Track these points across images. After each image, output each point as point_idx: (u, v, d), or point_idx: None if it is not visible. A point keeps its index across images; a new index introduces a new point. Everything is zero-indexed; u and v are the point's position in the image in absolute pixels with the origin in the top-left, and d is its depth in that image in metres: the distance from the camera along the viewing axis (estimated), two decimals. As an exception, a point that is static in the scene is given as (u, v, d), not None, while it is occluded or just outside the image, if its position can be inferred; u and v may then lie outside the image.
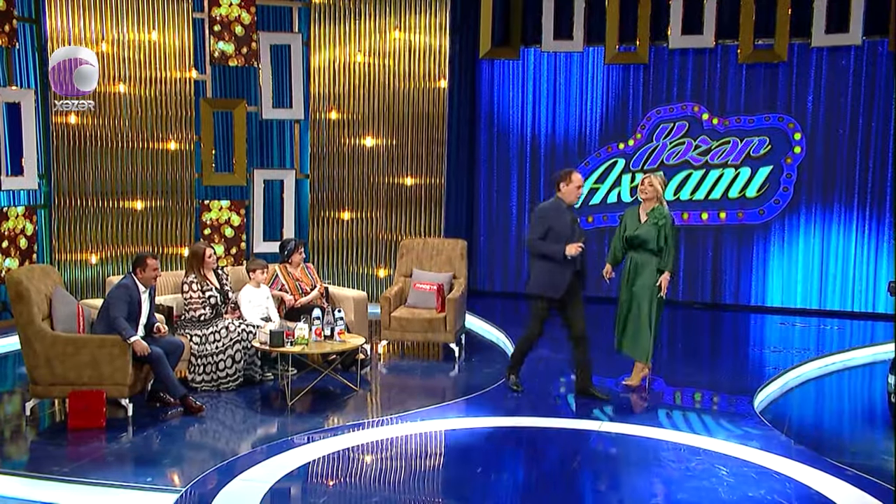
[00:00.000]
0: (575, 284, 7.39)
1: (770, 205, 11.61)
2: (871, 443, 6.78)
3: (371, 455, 6.29)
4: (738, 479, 5.78)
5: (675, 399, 7.99)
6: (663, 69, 11.86)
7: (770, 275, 11.77)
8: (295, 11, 11.70)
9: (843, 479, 5.72)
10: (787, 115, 11.45)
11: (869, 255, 11.38)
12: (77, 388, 6.60)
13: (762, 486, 5.64)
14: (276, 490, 5.47)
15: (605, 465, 6.27)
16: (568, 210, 7.38)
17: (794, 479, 5.75)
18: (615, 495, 5.72)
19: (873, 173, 11.28)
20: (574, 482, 5.79)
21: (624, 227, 7.77)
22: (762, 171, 11.59)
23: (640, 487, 5.75)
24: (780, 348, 9.93)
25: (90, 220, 10.60)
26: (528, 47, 12.19)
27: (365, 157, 11.71)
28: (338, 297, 8.91)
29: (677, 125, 11.83)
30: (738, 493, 5.57)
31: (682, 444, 6.46)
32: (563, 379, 8.46)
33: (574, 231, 7.34)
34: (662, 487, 5.78)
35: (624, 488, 5.81)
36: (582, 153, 12.19)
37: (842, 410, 7.87)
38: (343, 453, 6.21)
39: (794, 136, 11.45)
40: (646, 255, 7.58)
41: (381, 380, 8.52)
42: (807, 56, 11.33)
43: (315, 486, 5.77)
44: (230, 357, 7.61)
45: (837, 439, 6.89)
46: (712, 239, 11.93)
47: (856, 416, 7.47)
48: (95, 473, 5.67)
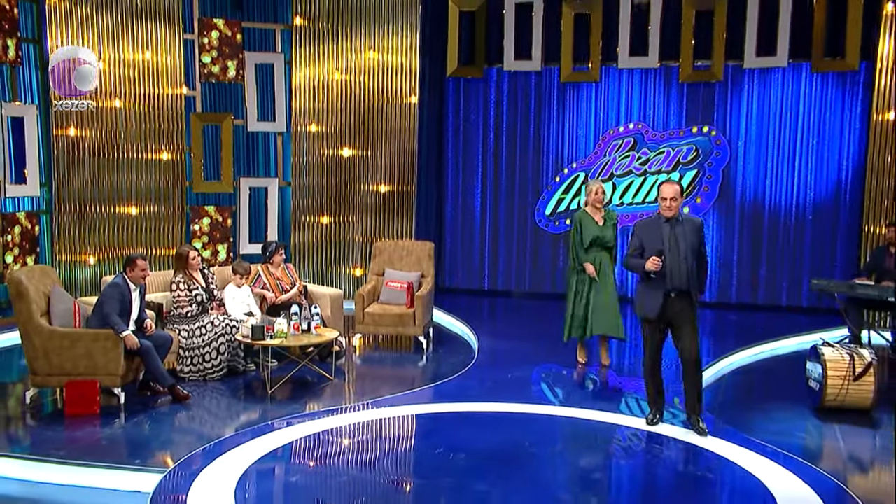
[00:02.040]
0: (675, 304, 6.08)
1: (692, 203, 11.62)
2: (790, 422, 6.82)
3: (345, 437, 6.28)
4: (672, 457, 5.89)
5: (621, 386, 8.05)
6: (613, 86, 11.87)
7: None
8: (278, 33, 11.67)
9: (764, 454, 5.81)
10: (719, 127, 11.51)
11: (792, 252, 11.46)
12: (73, 378, 6.60)
13: (692, 462, 5.75)
14: (256, 469, 5.47)
15: (555, 445, 6.32)
16: (667, 223, 6.12)
17: (721, 455, 5.83)
18: (562, 472, 5.77)
19: (795, 180, 11.38)
20: (526, 461, 5.80)
21: (583, 230, 8.11)
22: (688, 175, 11.65)
23: (585, 464, 5.84)
24: (714, 339, 10.00)
25: (88, 224, 10.53)
26: (491, 67, 12.15)
27: (342, 167, 11.69)
28: (316, 294, 8.89)
29: (625, 141, 11.88)
30: (670, 469, 5.70)
31: (624, 426, 6.53)
32: (530, 366, 8.50)
33: (670, 244, 6.06)
34: (605, 464, 5.89)
35: (570, 465, 5.88)
36: (540, 162, 12.20)
37: (766, 394, 7.88)
38: (319, 436, 6.22)
39: (716, 142, 11.52)
40: (605, 252, 8.14)
41: (356, 370, 8.48)
42: (740, 76, 11.41)
43: (292, 465, 5.77)
44: (215, 349, 7.60)
45: (761, 420, 6.92)
46: None
47: (778, 400, 7.47)
48: (90, 456, 5.67)
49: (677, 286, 6.01)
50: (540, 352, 9.10)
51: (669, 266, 5.99)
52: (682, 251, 6.02)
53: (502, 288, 12.54)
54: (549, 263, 12.34)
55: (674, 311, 6.06)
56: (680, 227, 6.08)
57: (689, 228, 6.11)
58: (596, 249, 8.09)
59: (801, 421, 6.86)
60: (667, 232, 6.04)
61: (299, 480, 5.53)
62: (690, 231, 6.10)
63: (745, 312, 11.35)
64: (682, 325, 6.10)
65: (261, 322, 7.44)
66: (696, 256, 6.10)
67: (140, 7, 10.63)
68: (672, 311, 6.06)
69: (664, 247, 5.99)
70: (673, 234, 6.04)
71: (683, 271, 6.01)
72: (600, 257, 8.11)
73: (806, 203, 11.39)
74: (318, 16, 11.49)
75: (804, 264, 11.40)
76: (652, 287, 6.06)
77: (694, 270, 6.06)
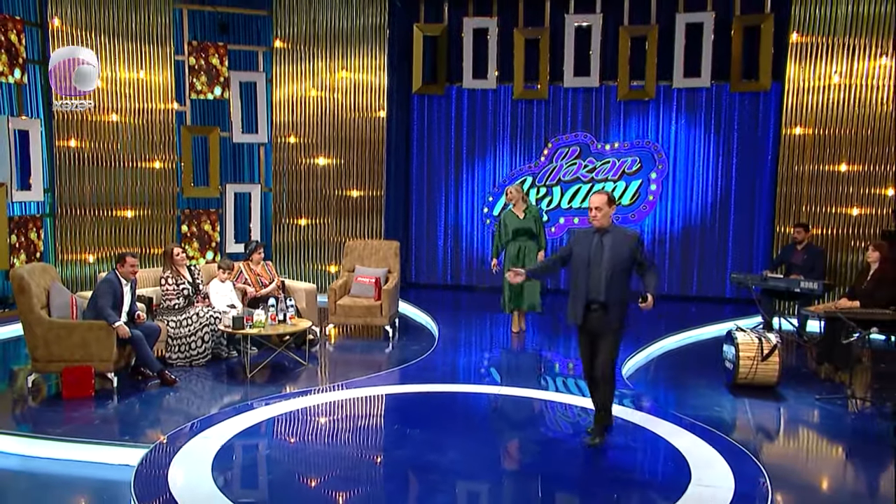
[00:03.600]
0: (594, 316, 5.43)
1: (638, 209, 11.80)
2: (707, 398, 6.90)
3: (317, 415, 6.31)
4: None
5: (561, 368, 8.15)
6: (560, 103, 11.93)
7: None
8: (260, 55, 11.70)
9: (682, 426, 5.90)
10: (653, 140, 11.65)
11: (718, 250, 11.62)
12: (70, 365, 6.60)
13: (620, 434, 5.79)
14: (235, 443, 5.50)
15: (502, 420, 6.40)
16: (596, 234, 5.46)
17: (645, 427, 5.91)
18: (505, 443, 5.85)
19: (719, 186, 11.53)
20: (476, 434, 5.88)
21: (506, 225, 8.98)
22: (633, 184, 11.79)
23: (526, 436, 5.91)
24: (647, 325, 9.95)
25: (88, 226, 10.51)
26: (451, 85, 12.18)
27: (318, 174, 11.72)
28: (292, 288, 8.91)
29: (571, 149, 11.94)
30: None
31: (562, 403, 6.62)
32: (483, 352, 8.63)
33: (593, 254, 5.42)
34: (543, 436, 5.92)
35: (512, 437, 5.95)
36: (495, 170, 12.26)
37: (688, 374, 7.94)
38: (294, 413, 6.24)
39: (658, 156, 11.66)
40: (529, 240, 8.92)
41: (328, 356, 8.49)
42: (670, 94, 11.54)
43: (268, 440, 5.79)
44: (200, 338, 7.63)
45: (681, 396, 7.04)
46: None
47: (698, 378, 7.55)
48: (85, 433, 5.68)
49: (594, 298, 5.38)
50: (493, 339, 9.24)
51: (590, 277, 5.40)
52: (603, 263, 5.36)
53: (464, 283, 12.58)
54: (504, 260, 12.40)
55: (593, 324, 5.45)
56: (608, 237, 5.41)
57: (619, 240, 5.40)
58: (521, 238, 8.92)
59: (716, 396, 6.94)
60: (594, 242, 5.42)
61: (274, 453, 5.57)
62: (619, 242, 5.39)
63: (677, 303, 11.44)
64: (598, 338, 5.49)
65: (241, 313, 7.47)
66: (625, 268, 5.41)
67: (135, 31, 10.62)
68: (591, 323, 5.46)
69: (588, 257, 5.42)
70: (599, 244, 5.41)
71: (602, 284, 5.35)
72: (525, 244, 8.95)
73: (728, 206, 11.56)
74: (296, 39, 11.53)
75: (728, 260, 11.56)
76: (574, 296, 5.50)
77: (620, 283, 5.38)
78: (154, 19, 10.74)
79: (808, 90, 10.40)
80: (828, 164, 10.38)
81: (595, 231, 5.46)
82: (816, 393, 6.99)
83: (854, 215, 10.28)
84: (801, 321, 9.19)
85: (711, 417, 6.28)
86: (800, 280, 8.98)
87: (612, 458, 5.43)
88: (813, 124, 10.42)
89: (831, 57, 10.24)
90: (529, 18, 11.75)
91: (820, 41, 10.29)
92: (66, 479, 5.26)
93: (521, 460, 5.55)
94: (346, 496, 4.78)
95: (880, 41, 9.97)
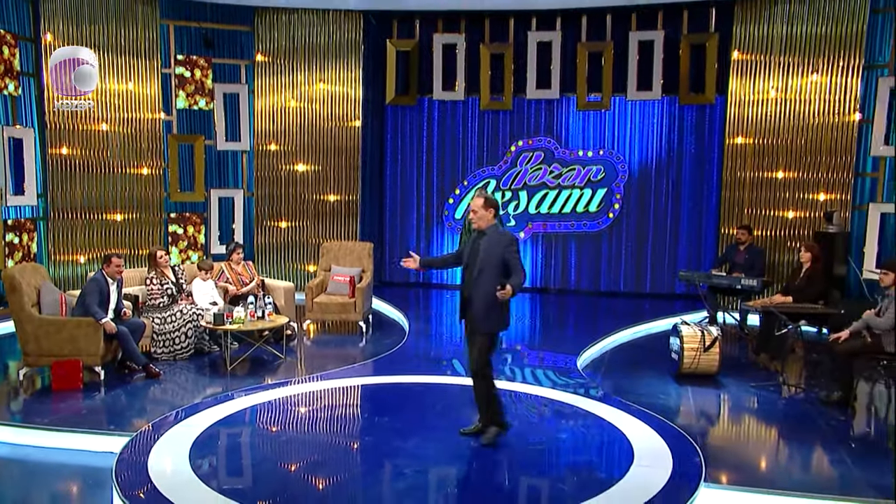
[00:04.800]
0: (470, 313, 5.26)
1: (605, 217, 11.88)
2: (654, 386, 7.00)
3: (294, 404, 6.33)
4: (556, 415, 6.03)
5: (525, 359, 8.20)
6: (523, 114, 11.97)
7: (602, 267, 11.98)
8: (243, 68, 11.68)
9: (630, 412, 5.99)
10: (612, 150, 11.75)
11: (668, 251, 11.73)
12: (59, 359, 6.60)
13: (572, 419, 5.90)
14: (214, 430, 5.52)
15: (465, 409, 6.35)
16: (477, 235, 5.32)
17: (596, 414, 5.99)
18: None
19: (670, 191, 11.65)
20: (437, 420, 5.92)
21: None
22: (599, 192, 11.82)
23: None
24: (604, 320, 10.19)
25: (79, 229, 10.47)
26: (423, 96, 12.17)
27: (297, 180, 11.73)
28: (272, 286, 8.93)
29: (535, 154, 11.96)
30: (554, 424, 5.85)
31: (520, 392, 6.65)
32: (450, 346, 8.64)
33: (469, 254, 5.29)
34: None
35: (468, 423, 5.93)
36: (464, 176, 12.30)
37: (638, 364, 8.03)
38: (271, 403, 6.26)
39: (621, 166, 11.76)
40: None
41: (305, 350, 8.48)
42: (624, 106, 11.64)
43: (246, 427, 5.80)
44: (184, 334, 7.63)
45: (630, 385, 7.10)
46: (562, 242, 12.07)
47: (646, 369, 7.65)
48: (73, 423, 5.69)
49: (468, 296, 5.25)
50: (459, 333, 9.24)
51: (467, 276, 5.28)
52: (477, 264, 5.18)
53: (434, 281, 12.61)
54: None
55: (469, 321, 5.29)
56: (484, 240, 5.20)
57: (493, 242, 5.18)
58: None
59: (662, 385, 7.03)
60: (473, 243, 5.29)
61: (252, 440, 5.60)
62: (494, 244, 5.17)
63: (631, 299, 11.56)
64: (472, 335, 5.30)
65: (222, 310, 7.48)
66: (494, 270, 5.12)
67: (124, 46, 10.60)
68: (468, 320, 5.30)
69: (467, 257, 5.28)
70: (476, 246, 5.24)
71: (470, 284, 5.22)
72: None
73: (679, 210, 11.67)
74: (277, 53, 11.55)
75: (678, 259, 11.68)
76: (460, 293, 5.40)
77: (487, 283, 5.09)
78: (142, 34, 10.71)
79: (749, 103, 10.60)
80: (767, 171, 10.58)
81: (477, 232, 5.29)
82: (753, 381, 7.11)
83: (790, 218, 10.48)
84: (742, 315, 9.32)
85: (657, 404, 6.37)
86: (741, 277, 9.13)
87: (562, 442, 5.51)
88: (753, 134, 10.62)
89: (769, 73, 10.45)
90: (495, 35, 11.82)
91: (758, 59, 10.49)
92: (53, 466, 5.27)
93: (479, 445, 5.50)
94: (320, 480, 4.82)
95: (811, 59, 10.20)
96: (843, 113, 10.14)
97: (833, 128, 10.19)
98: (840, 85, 10.10)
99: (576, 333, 9.61)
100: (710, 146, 11.43)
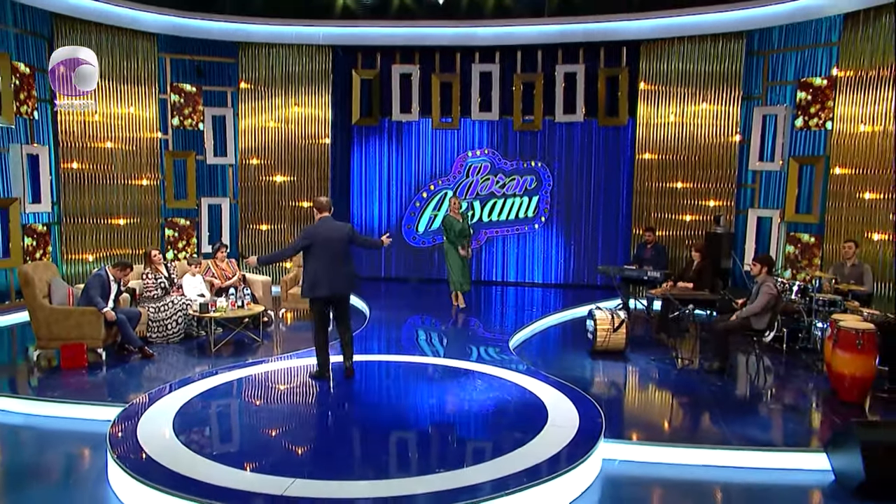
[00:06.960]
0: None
1: (538, 220, 12.09)
2: (572, 361, 7.17)
3: (269, 380, 6.36)
4: (488, 387, 6.08)
5: (465, 340, 8.20)
6: (469, 132, 12.11)
7: (536, 262, 12.15)
8: (229, 94, 11.69)
9: (550, 384, 6.07)
10: (543, 163, 11.95)
11: (589, 249, 11.91)
12: (67, 342, 6.66)
13: (501, 390, 5.98)
14: (198, 400, 5.57)
15: (418, 382, 6.44)
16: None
17: (521, 385, 6.08)
18: (414, 401, 5.95)
19: (592, 198, 11.85)
20: (395, 392, 6.11)
21: (452, 228, 9.47)
22: (534, 199, 12.01)
23: (429, 392, 6.02)
24: (535, 307, 10.26)
25: (88, 232, 10.42)
26: (384, 117, 12.23)
27: (275, 189, 11.73)
28: (251, 280, 8.96)
29: (483, 165, 12.08)
30: (485, 394, 5.90)
31: (459, 368, 6.71)
32: (405, 328, 8.62)
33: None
34: (442, 392, 6.03)
35: (419, 394, 6.06)
36: (419, 186, 12.37)
37: (560, 344, 8.27)
38: (249, 377, 6.28)
39: (547, 176, 11.98)
40: (465, 238, 9.53)
41: (280, 334, 8.50)
42: (553, 126, 11.82)
43: (226, 398, 5.79)
44: (175, 321, 7.68)
45: (553, 360, 7.28)
46: (502, 242, 12.21)
47: (567, 347, 7.87)
48: (79, 396, 5.75)
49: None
50: (413, 319, 9.35)
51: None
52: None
53: (394, 275, 12.62)
54: (427, 257, 12.54)
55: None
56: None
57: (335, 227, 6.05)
58: (460, 238, 9.38)
59: (579, 360, 7.22)
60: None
61: (230, 408, 5.61)
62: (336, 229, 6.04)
63: (559, 290, 11.68)
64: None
65: (208, 301, 7.55)
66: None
67: (126, 74, 10.59)
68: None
69: None
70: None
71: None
72: (464, 243, 9.63)
73: (598, 214, 11.89)
74: (258, 81, 11.56)
75: (598, 255, 11.89)
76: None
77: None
78: (142, 66, 10.71)
79: (654, 125, 10.92)
80: (668, 181, 10.90)
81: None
82: (653, 355, 7.33)
83: (687, 221, 10.83)
84: (648, 301, 9.66)
85: (573, 376, 6.49)
86: (647, 270, 9.44)
87: (490, 407, 5.61)
88: (657, 151, 10.94)
89: (669, 101, 10.81)
90: (444, 66, 11.97)
91: (661, 89, 10.85)
92: (62, 432, 5.34)
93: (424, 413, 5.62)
94: (291, 445, 4.83)
95: (701, 91, 10.60)
96: (727, 134, 10.55)
97: (720, 146, 10.60)
98: (724, 112, 10.53)
99: (512, 317, 9.68)
100: (622, 160, 11.68)
